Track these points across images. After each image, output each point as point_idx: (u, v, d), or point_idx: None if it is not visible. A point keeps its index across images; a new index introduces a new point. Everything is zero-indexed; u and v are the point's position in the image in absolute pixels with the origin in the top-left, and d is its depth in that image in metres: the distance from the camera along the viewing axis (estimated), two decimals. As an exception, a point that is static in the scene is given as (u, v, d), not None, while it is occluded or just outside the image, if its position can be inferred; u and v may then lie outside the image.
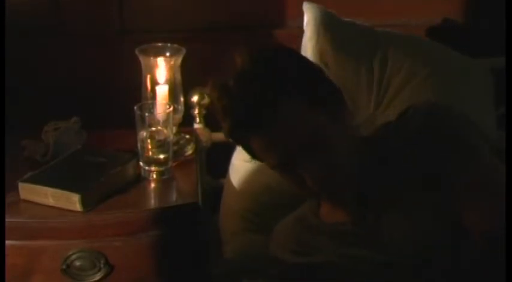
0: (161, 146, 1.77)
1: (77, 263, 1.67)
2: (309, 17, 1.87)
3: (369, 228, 1.46)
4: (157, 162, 1.79)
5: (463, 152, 1.43)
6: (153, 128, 1.77)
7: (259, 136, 1.42)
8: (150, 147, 1.77)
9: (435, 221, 1.42)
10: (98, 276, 1.68)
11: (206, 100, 2.03)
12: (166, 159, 1.79)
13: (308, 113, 1.41)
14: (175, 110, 1.84)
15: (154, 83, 1.86)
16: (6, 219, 1.61)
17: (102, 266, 1.67)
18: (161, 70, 1.86)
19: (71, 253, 1.66)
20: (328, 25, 1.86)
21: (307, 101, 1.41)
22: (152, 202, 1.80)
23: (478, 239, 1.38)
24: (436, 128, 1.44)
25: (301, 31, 1.90)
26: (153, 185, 1.80)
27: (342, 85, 1.70)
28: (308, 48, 1.85)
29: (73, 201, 1.66)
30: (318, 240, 1.52)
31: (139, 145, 1.78)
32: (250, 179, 1.84)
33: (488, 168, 1.43)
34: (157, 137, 1.77)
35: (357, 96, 1.81)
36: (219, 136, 2.05)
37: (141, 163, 1.79)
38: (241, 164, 1.86)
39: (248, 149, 1.49)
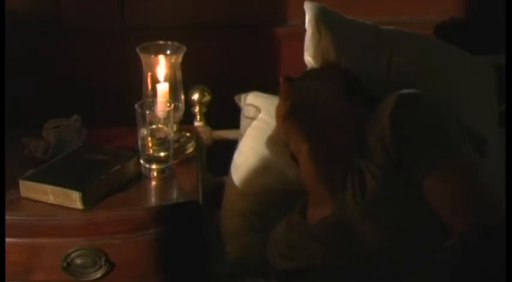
0: (162, 143, 1.77)
1: (78, 261, 1.67)
2: (310, 16, 1.87)
3: (351, 216, 1.46)
4: (158, 160, 1.78)
5: (430, 145, 1.41)
6: (154, 126, 1.76)
7: None
8: (150, 145, 1.77)
9: (413, 216, 1.41)
10: (98, 274, 1.67)
11: (207, 98, 2.03)
12: (167, 157, 1.79)
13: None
14: (175, 108, 1.84)
15: (155, 80, 1.85)
16: (7, 217, 1.61)
17: (102, 263, 1.67)
18: (162, 68, 1.85)
19: (71, 251, 1.66)
20: (329, 23, 1.86)
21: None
22: (153, 200, 1.80)
23: (456, 240, 1.34)
24: (401, 119, 1.44)
25: (302, 29, 1.90)
26: (153, 182, 1.80)
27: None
28: (310, 46, 1.85)
29: (74, 199, 1.66)
30: (303, 242, 1.53)
31: (140, 143, 1.78)
32: (252, 178, 1.84)
33: (460, 163, 1.40)
34: (158, 135, 1.77)
35: None
36: (220, 134, 2.06)
37: (141, 161, 1.79)
38: (242, 163, 1.86)
39: None
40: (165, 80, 1.86)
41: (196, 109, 2.04)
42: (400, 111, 1.46)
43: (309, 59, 1.86)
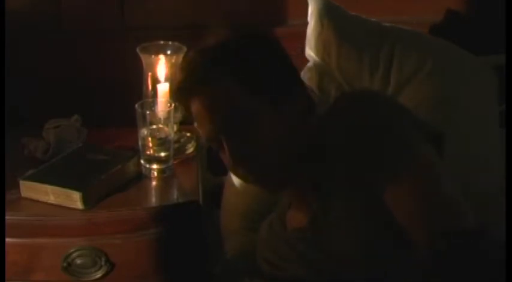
0: (162, 144, 1.77)
1: (78, 261, 1.67)
2: (313, 8, 1.88)
3: (320, 230, 1.42)
4: (158, 160, 1.79)
5: (383, 159, 1.32)
6: (154, 126, 1.77)
7: (198, 100, 1.40)
8: (151, 145, 1.77)
9: (376, 228, 1.35)
10: (98, 274, 1.68)
11: (207, 98, 2.03)
12: (167, 157, 1.79)
13: (244, 96, 1.38)
14: (176, 108, 1.84)
15: (156, 81, 1.86)
16: (7, 217, 1.61)
17: (103, 263, 1.67)
18: (162, 68, 1.86)
19: (71, 251, 1.66)
20: (332, 16, 1.86)
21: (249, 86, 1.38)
22: (153, 200, 1.80)
23: (422, 255, 1.27)
24: (353, 134, 1.35)
25: (302, 29, 1.90)
26: (154, 182, 1.80)
27: (343, 77, 1.69)
28: (312, 39, 1.85)
29: (74, 199, 1.66)
30: (283, 249, 1.51)
31: (140, 143, 1.78)
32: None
33: (414, 172, 1.32)
34: (158, 135, 1.77)
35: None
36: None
37: (142, 161, 1.79)
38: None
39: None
40: (166, 80, 1.86)
41: (197, 109, 2.04)
42: (350, 127, 1.36)
43: (309, 52, 1.86)
